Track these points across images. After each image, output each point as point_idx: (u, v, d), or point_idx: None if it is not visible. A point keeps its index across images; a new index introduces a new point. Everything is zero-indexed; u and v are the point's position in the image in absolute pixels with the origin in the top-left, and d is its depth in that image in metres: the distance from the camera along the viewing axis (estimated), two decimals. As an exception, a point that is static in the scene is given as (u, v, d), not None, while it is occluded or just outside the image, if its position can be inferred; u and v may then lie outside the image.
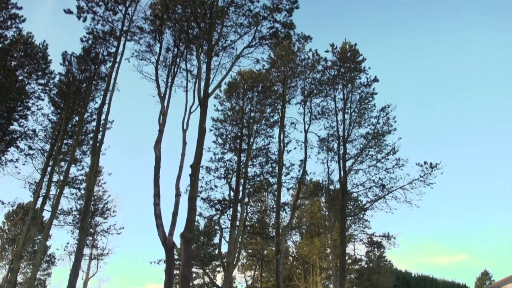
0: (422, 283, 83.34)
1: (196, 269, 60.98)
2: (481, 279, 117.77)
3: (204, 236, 46.71)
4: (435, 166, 26.77)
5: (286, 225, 31.48)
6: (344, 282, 27.15)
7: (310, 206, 54.90)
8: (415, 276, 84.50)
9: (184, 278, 19.07)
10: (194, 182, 20.63)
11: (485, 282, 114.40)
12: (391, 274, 65.17)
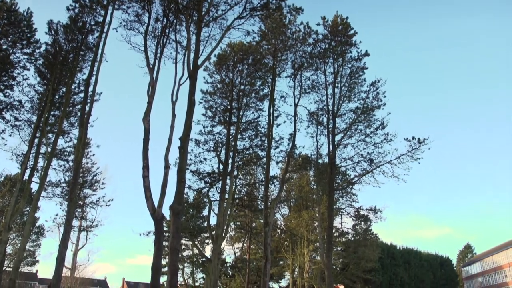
0: (407, 255, 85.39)
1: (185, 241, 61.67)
2: (463, 252, 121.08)
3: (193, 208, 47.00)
4: (423, 142, 27.03)
5: (275, 198, 31.76)
6: (330, 254, 27.67)
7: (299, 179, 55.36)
8: (400, 249, 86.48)
9: (173, 250, 19.25)
10: (183, 154, 20.60)
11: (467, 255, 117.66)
12: (376, 247, 66.58)
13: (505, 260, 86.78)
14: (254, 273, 67.80)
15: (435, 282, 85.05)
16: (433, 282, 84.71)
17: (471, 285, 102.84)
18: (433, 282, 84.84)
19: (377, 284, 74.93)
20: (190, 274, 74.00)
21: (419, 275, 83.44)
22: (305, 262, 60.43)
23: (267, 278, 26.19)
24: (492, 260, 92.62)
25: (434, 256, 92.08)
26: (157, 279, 18.17)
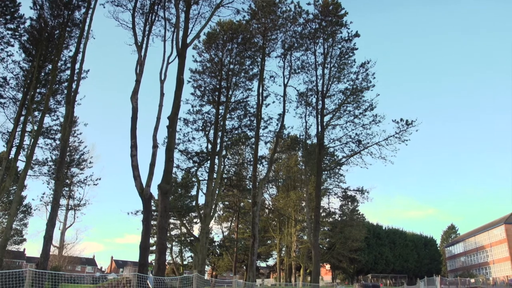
0: (392, 235, 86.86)
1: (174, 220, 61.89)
2: (447, 232, 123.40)
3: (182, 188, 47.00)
4: (410, 124, 27.23)
5: (263, 178, 31.90)
6: (317, 234, 28.00)
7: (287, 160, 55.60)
8: (386, 229, 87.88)
9: (161, 228, 19.31)
10: (171, 133, 20.50)
11: (450, 236, 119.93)
12: (363, 227, 67.61)
13: (487, 241, 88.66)
14: (242, 252, 68.55)
15: (419, 261, 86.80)
16: (417, 261, 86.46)
17: (453, 264, 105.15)
18: (417, 261, 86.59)
19: (363, 263, 76.34)
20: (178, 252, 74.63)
21: (403, 255, 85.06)
22: (292, 241, 61.22)
23: (254, 257, 26.48)
24: (474, 241, 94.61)
25: (418, 236, 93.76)
26: (145, 257, 18.27)
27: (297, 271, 67.18)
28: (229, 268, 73.86)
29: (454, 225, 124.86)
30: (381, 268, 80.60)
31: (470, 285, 49.67)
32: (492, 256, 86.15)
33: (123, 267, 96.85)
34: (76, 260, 76.06)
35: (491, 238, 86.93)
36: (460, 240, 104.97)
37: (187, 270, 63.98)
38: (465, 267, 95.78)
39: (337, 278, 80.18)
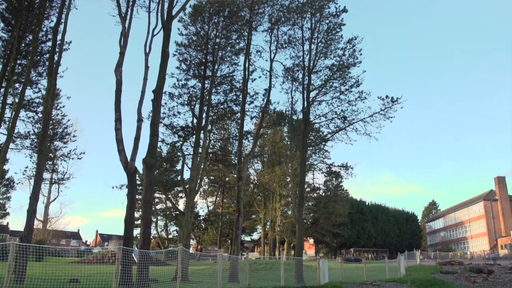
0: (375, 211, 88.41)
1: (159, 195, 61.99)
2: (428, 208, 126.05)
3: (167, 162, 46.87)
4: (396, 101, 27.27)
5: (248, 153, 31.94)
6: (302, 209, 28.25)
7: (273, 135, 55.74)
8: (369, 205, 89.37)
9: (146, 203, 19.31)
10: (156, 107, 20.28)
11: (431, 211, 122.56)
12: (346, 203, 68.63)
13: (466, 217, 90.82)
14: (226, 226, 69.19)
15: (400, 236, 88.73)
16: (398, 236, 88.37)
17: (433, 239, 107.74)
18: (399, 236, 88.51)
19: (346, 237, 77.80)
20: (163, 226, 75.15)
21: (385, 230, 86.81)
22: (276, 216, 61.93)
23: (239, 231, 26.73)
24: (454, 216, 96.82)
25: (400, 212, 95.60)
26: (130, 231, 18.28)
27: (281, 245, 68.18)
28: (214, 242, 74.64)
29: (435, 201, 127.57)
30: (363, 243, 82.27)
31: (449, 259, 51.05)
32: (471, 232, 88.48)
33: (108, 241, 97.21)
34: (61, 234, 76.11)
35: (470, 214, 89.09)
36: (440, 216, 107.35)
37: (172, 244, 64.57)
38: (444, 242, 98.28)
39: (320, 252, 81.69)
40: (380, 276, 26.04)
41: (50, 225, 61.03)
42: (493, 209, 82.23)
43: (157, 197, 63.84)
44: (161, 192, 57.10)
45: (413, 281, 24.14)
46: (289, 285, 18.27)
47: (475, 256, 65.85)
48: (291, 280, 21.87)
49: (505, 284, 25.28)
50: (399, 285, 22.78)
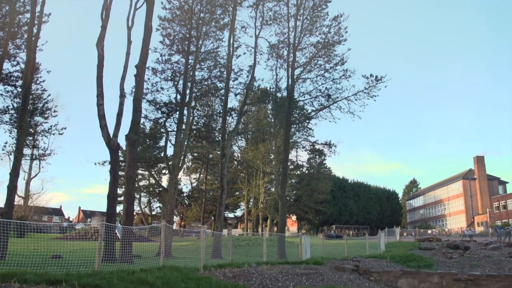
0: (357, 188, 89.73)
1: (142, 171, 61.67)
2: (409, 186, 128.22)
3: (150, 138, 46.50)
4: (380, 79, 27.33)
5: (232, 130, 31.84)
6: (285, 186, 28.46)
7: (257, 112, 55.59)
8: (351, 183, 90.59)
9: (129, 179, 19.22)
10: (139, 83, 20.00)
11: (412, 189, 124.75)
12: (329, 180, 69.43)
13: (445, 195, 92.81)
14: (210, 203, 69.53)
15: (381, 213, 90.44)
16: (379, 213, 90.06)
17: (413, 216, 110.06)
18: (379, 213, 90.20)
19: (328, 214, 78.98)
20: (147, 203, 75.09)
21: (367, 207, 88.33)
22: (260, 193, 62.37)
23: (222, 207, 26.85)
24: (434, 194, 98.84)
25: (382, 190, 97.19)
26: (113, 207, 18.22)
27: (264, 221, 68.95)
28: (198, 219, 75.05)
29: (416, 180, 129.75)
30: (345, 220, 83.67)
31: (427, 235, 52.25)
32: (449, 209, 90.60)
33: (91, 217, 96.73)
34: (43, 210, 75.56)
35: (449, 192, 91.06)
36: (420, 194, 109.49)
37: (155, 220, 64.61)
38: (424, 219, 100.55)
39: (302, 229, 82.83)
40: (360, 252, 26.55)
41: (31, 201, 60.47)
42: (471, 188, 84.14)
43: (140, 173, 63.59)
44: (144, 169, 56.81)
45: (392, 257, 24.70)
46: (271, 260, 18.51)
47: (452, 233, 67.57)
48: (274, 256, 22.17)
49: (480, 259, 26.07)
50: (379, 260, 23.27)
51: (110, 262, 13.36)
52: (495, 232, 45.83)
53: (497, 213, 75.93)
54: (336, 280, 16.99)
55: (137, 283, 11.00)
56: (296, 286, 14.73)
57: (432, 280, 18.60)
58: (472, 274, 18.49)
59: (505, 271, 21.70)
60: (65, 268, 11.18)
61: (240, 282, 13.73)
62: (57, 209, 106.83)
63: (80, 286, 9.71)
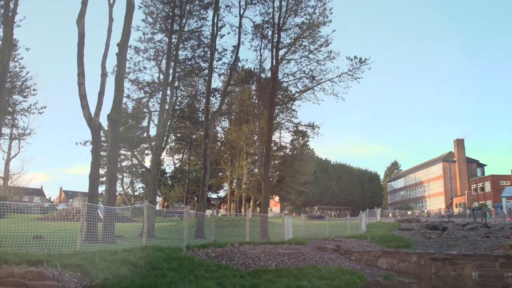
0: (339, 170, 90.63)
1: (124, 151, 61.15)
2: (390, 168, 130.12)
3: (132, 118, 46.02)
4: (364, 62, 27.34)
5: (216, 110, 31.69)
6: (268, 167, 28.54)
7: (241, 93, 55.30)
8: (334, 164, 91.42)
9: (111, 159, 19.05)
10: (121, 62, 19.68)
11: (393, 171, 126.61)
12: (312, 162, 69.95)
13: (426, 177, 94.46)
14: (193, 183, 69.47)
15: (362, 194, 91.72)
16: (361, 194, 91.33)
17: (394, 198, 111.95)
18: (361, 194, 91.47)
19: (310, 195, 79.76)
20: (129, 183, 74.67)
21: (349, 188, 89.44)
22: (243, 174, 62.55)
23: (205, 188, 26.87)
24: (414, 176, 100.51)
25: (364, 172, 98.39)
26: (95, 188, 18.09)
27: (247, 202, 69.34)
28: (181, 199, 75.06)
29: (397, 162, 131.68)
30: (327, 201, 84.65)
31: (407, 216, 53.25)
32: (429, 191, 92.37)
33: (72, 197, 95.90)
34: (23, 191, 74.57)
35: (430, 175, 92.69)
36: (401, 176, 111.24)
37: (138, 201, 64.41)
38: (404, 201, 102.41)
39: (285, 210, 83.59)
40: (342, 232, 26.97)
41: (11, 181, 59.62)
42: (451, 170, 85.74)
43: (122, 154, 63.05)
44: (127, 149, 56.35)
45: (372, 237, 25.16)
46: (254, 241, 18.68)
47: (432, 214, 68.98)
48: (256, 236, 22.37)
49: (457, 239, 26.74)
50: (360, 241, 23.69)
51: (93, 242, 13.32)
52: (472, 213, 46.96)
53: (475, 195, 77.70)
54: (318, 259, 17.25)
55: (120, 263, 11.00)
56: (278, 266, 14.92)
57: (410, 259, 19.04)
58: (449, 254, 18.98)
59: (480, 250, 22.30)
60: (47, 249, 11.11)
61: (222, 262, 13.84)
62: (38, 189, 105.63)
63: (62, 266, 9.68)
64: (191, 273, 11.86)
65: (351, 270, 16.68)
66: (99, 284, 9.47)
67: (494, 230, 29.90)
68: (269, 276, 13.15)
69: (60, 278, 9.07)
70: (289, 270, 14.34)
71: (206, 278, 11.81)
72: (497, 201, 67.74)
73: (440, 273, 18.10)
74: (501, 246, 22.27)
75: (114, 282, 9.72)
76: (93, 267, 10.07)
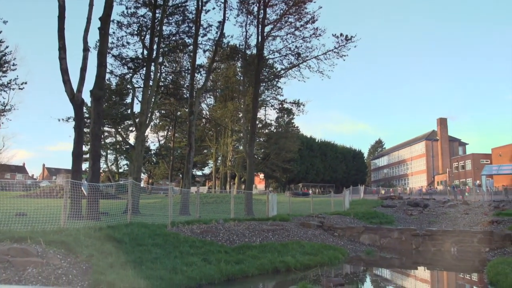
0: (324, 148, 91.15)
1: (108, 128, 60.61)
2: (374, 146, 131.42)
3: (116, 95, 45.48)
4: (350, 39, 27.21)
5: (201, 87, 31.40)
6: (253, 145, 28.56)
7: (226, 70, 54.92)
8: (319, 142, 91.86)
9: (95, 135, 18.84)
10: (103, 36, 19.27)
11: (377, 149, 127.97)
12: (297, 139, 70.28)
13: (409, 155, 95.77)
14: (178, 160, 69.42)
15: (346, 172, 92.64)
16: (345, 172, 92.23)
17: (377, 175, 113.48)
18: (345, 172, 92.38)
19: (295, 173, 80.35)
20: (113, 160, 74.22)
21: (333, 166, 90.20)
22: (228, 151, 62.58)
23: (190, 165, 26.82)
24: (397, 154, 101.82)
25: (348, 149, 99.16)
26: (78, 164, 17.90)
27: (232, 179, 69.57)
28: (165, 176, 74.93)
29: (381, 140, 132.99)
30: (311, 178, 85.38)
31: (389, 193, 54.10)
32: (412, 169, 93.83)
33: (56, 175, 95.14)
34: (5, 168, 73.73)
35: (413, 153, 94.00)
36: (385, 154, 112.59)
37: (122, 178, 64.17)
38: (387, 178, 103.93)
39: (270, 187, 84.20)
40: (326, 209, 27.32)
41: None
42: (433, 149, 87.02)
43: (106, 130, 62.53)
44: (110, 126, 55.85)
45: (356, 214, 25.55)
46: (239, 217, 18.83)
47: (414, 191, 70.23)
48: (241, 213, 22.54)
49: (438, 216, 27.32)
50: (343, 217, 24.04)
51: (77, 219, 13.27)
52: (452, 191, 47.91)
53: (456, 173, 79.17)
54: (302, 235, 17.51)
55: (104, 240, 11.02)
56: (262, 242, 15.10)
57: (392, 235, 19.45)
58: (430, 230, 19.42)
59: (459, 226, 22.84)
60: (30, 226, 11.05)
61: (207, 238, 13.95)
62: (20, 166, 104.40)
63: (46, 243, 9.65)
64: (176, 249, 11.95)
65: (334, 246, 16.99)
66: (83, 261, 9.49)
67: (474, 207, 30.57)
68: (253, 252, 13.34)
69: (44, 255, 9.05)
70: (273, 246, 14.56)
71: (191, 254, 11.92)
72: (477, 179, 69.14)
73: (421, 249, 18.55)
74: (480, 223, 22.82)
75: (99, 258, 9.74)
76: (77, 244, 10.07)
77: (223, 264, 11.43)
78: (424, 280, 13.99)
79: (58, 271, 8.62)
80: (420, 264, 16.31)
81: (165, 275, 9.78)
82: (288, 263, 12.89)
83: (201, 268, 10.83)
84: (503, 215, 23.76)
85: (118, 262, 9.85)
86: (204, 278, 10.33)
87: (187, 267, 10.70)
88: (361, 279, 13.31)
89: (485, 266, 13.44)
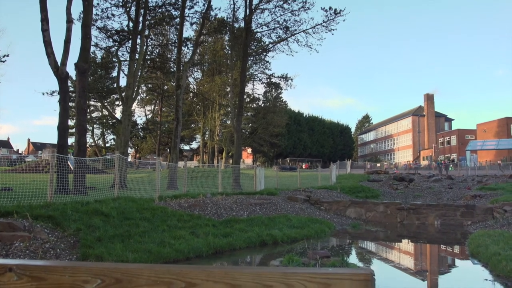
0: (312, 122, 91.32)
1: (94, 102, 59.87)
2: (362, 121, 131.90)
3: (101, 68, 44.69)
4: (339, 13, 26.98)
5: (188, 61, 31.04)
6: (240, 119, 28.52)
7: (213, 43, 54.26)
8: (306, 116, 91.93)
9: (80, 109, 18.59)
10: (87, 7, 18.82)
11: (364, 124, 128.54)
12: (285, 114, 70.22)
13: (395, 130, 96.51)
14: (165, 135, 69.10)
15: (334, 147, 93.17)
16: (332, 147, 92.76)
17: (364, 150, 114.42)
18: (332, 147, 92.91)
19: (282, 147, 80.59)
20: (100, 135, 73.70)
21: (320, 141, 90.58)
22: (216, 125, 62.39)
23: (178, 139, 26.75)
24: (384, 130, 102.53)
25: (335, 124, 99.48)
26: (64, 139, 17.71)
27: (220, 154, 69.59)
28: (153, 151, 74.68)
29: (368, 115, 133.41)
30: (299, 153, 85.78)
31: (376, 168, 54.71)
32: (398, 144, 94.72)
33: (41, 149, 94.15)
34: (-12, 142, 72.63)
35: (399, 128, 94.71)
36: (372, 129, 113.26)
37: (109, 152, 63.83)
38: (374, 153, 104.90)
39: (257, 161, 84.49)
40: (313, 183, 27.56)
41: (-25, 131, 57.95)
42: (420, 124, 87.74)
43: (92, 104, 61.76)
44: (96, 100, 55.12)
45: (342, 188, 25.85)
46: (226, 191, 18.94)
47: (400, 166, 71.09)
48: (229, 187, 22.66)
49: (423, 190, 27.80)
50: (330, 191, 24.32)
51: (64, 194, 13.21)
52: (437, 166, 48.62)
53: (441, 148, 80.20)
54: (289, 209, 17.70)
55: (92, 214, 11.02)
56: (250, 215, 15.25)
57: (378, 209, 19.76)
58: (414, 204, 19.77)
59: (443, 201, 23.29)
60: (16, 200, 10.98)
61: (195, 212, 14.03)
62: (5, 141, 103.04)
63: (33, 217, 9.62)
64: (163, 223, 12.01)
65: (321, 219, 17.23)
66: (71, 235, 9.50)
67: (458, 181, 31.12)
68: (241, 225, 13.47)
69: (31, 229, 9.03)
70: (260, 220, 14.71)
71: (179, 227, 11.99)
72: (462, 154, 70.17)
73: (405, 222, 18.91)
74: (463, 197, 23.28)
75: (86, 232, 9.76)
76: (64, 218, 10.06)
77: (210, 237, 11.54)
78: (407, 252, 14.31)
79: (45, 245, 8.62)
80: (404, 237, 16.64)
81: (153, 248, 9.85)
82: (275, 236, 13.05)
83: (189, 241, 10.91)
84: (486, 190, 24.25)
85: (106, 236, 9.89)
86: (192, 251, 10.43)
87: (175, 240, 10.78)
88: (347, 252, 13.56)
89: (467, 239, 13.77)
